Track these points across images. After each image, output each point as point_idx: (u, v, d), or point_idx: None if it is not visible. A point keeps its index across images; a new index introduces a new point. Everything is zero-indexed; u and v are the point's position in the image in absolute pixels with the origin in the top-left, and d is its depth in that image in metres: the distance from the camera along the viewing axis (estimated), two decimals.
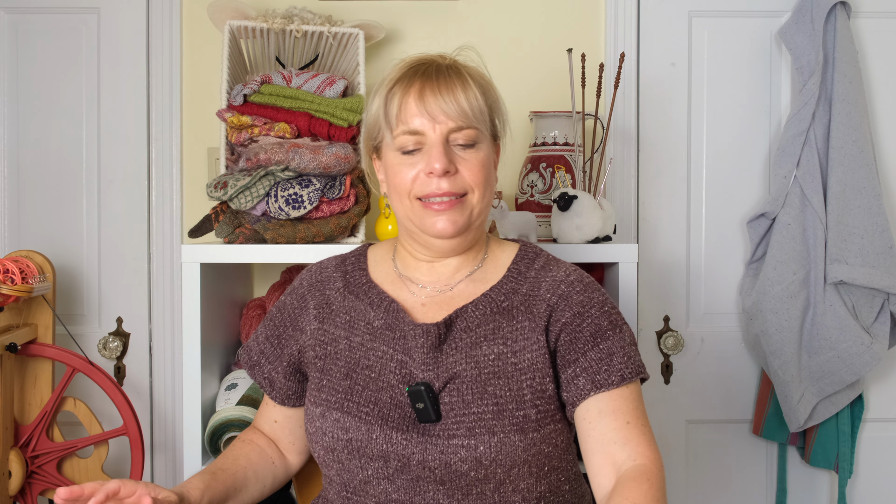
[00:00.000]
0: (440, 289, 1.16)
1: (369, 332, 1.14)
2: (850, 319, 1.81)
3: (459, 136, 1.10)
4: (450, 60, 1.15)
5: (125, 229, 1.99)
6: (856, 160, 1.82)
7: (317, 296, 1.21)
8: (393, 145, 1.12)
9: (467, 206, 1.12)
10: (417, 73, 1.11)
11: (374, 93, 1.16)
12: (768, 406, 1.95)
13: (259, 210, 1.60)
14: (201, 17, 1.96)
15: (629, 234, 2.00)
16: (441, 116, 1.09)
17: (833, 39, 1.86)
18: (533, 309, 1.11)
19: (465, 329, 1.10)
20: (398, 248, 1.23)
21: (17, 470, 1.67)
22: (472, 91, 1.11)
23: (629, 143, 1.99)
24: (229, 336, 1.78)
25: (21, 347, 1.69)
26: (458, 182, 1.10)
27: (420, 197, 1.11)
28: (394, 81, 1.12)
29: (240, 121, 1.63)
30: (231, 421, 1.55)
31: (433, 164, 1.08)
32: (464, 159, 1.11)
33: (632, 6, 1.98)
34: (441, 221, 1.10)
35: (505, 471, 1.03)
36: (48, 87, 1.98)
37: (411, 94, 1.10)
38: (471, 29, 1.99)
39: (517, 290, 1.13)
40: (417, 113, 1.09)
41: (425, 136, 1.10)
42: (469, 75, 1.13)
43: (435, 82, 1.10)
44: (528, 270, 1.16)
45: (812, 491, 2.03)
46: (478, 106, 1.11)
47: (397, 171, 1.12)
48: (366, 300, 1.17)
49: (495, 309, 1.11)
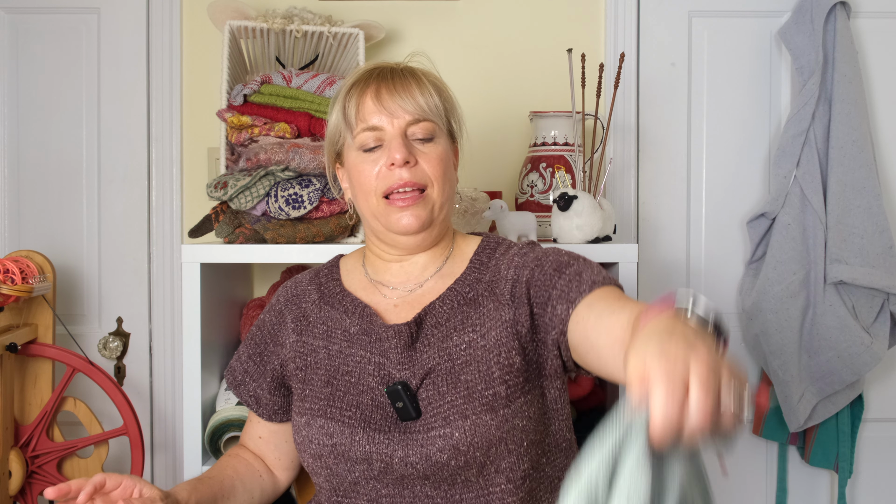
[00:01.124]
0: (410, 288, 1.19)
1: (346, 339, 1.16)
2: (850, 319, 1.81)
3: (417, 130, 1.14)
4: (403, 65, 1.19)
5: (125, 229, 1.99)
6: (856, 160, 1.82)
7: (293, 310, 1.23)
8: (354, 145, 1.15)
9: (429, 200, 1.14)
10: (372, 76, 1.16)
11: (332, 103, 1.21)
12: (768, 406, 1.95)
13: (259, 210, 1.60)
14: (201, 17, 1.96)
15: (629, 234, 2.00)
16: (398, 111, 1.13)
17: (833, 39, 1.86)
18: (495, 290, 1.13)
19: (435, 325, 1.12)
20: (367, 254, 1.25)
21: (17, 470, 1.67)
22: (426, 88, 1.15)
23: (629, 143, 1.99)
24: (229, 336, 1.78)
25: (21, 347, 1.69)
26: (419, 173, 1.13)
27: (385, 194, 1.13)
28: (349, 86, 1.17)
29: (240, 121, 1.63)
30: (231, 421, 1.55)
31: (394, 155, 1.11)
32: (423, 152, 1.14)
33: (632, 6, 1.98)
34: (405, 217, 1.13)
35: (483, 453, 1.04)
36: (48, 87, 1.98)
37: (368, 93, 1.14)
38: (471, 29, 1.99)
39: (480, 279, 1.15)
40: (375, 110, 1.13)
41: (384, 132, 1.13)
42: (423, 75, 1.17)
43: (390, 81, 1.14)
44: (490, 260, 1.18)
45: (812, 491, 2.03)
46: (433, 102, 1.15)
47: (360, 170, 1.15)
48: (340, 308, 1.19)
49: (462, 301, 1.14)
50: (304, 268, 1.87)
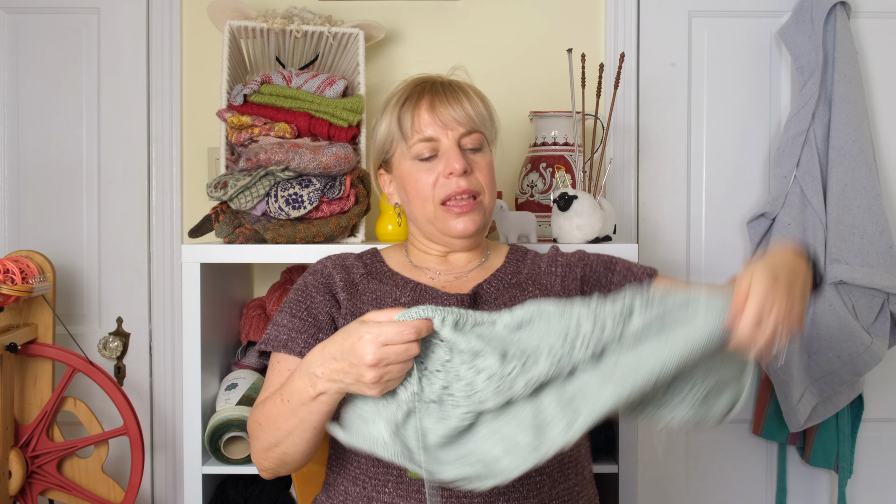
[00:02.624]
0: (456, 275, 1.27)
1: (398, 308, 1.17)
2: (850, 319, 1.81)
3: (469, 141, 1.22)
4: (448, 78, 1.28)
5: (125, 229, 1.99)
6: (856, 160, 1.82)
7: (342, 273, 1.25)
8: (409, 154, 1.22)
9: (481, 206, 1.23)
10: (425, 88, 1.24)
11: (381, 113, 1.28)
12: (768, 406, 1.95)
13: (259, 210, 1.60)
14: (201, 17, 1.96)
15: (629, 234, 2.00)
16: (452, 123, 1.21)
17: (833, 39, 1.86)
18: (539, 281, 1.24)
19: (487, 301, 1.20)
20: (410, 248, 1.32)
21: (17, 470, 1.67)
22: (475, 100, 1.24)
23: (629, 143, 1.99)
24: (229, 336, 1.78)
25: (21, 347, 1.69)
26: (473, 181, 1.22)
27: (443, 201, 1.21)
28: (402, 98, 1.24)
29: (240, 121, 1.63)
30: (231, 421, 1.55)
31: (453, 165, 1.19)
32: (475, 161, 1.23)
33: (632, 6, 1.98)
34: (462, 222, 1.21)
35: None
36: (48, 87, 1.98)
37: (423, 105, 1.22)
38: (471, 29, 1.99)
39: (520, 270, 1.27)
40: (431, 122, 1.21)
41: (439, 143, 1.21)
42: (470, 89, 1.26)
43: (442, 95, 1.22)
44: (524, 259, 1.31)
45: (812, 491, 2.03)
46: (481, 113, 1.24)
47: (417, 178, 1.22)
48: (390, 283, 1.24)
49: (507, 284, 1.24)
50: (304, 268, 1.87)
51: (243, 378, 1.66)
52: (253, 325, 1.77)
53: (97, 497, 1.75)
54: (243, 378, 1.66)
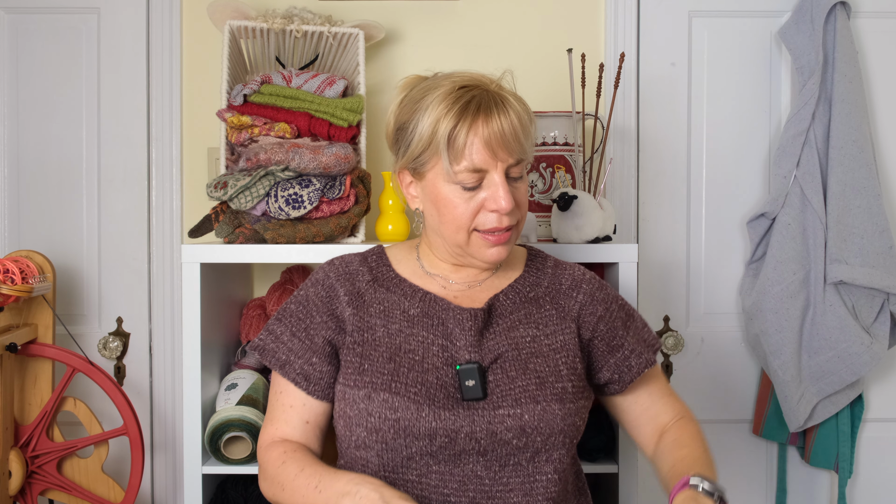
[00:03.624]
0: (469, 283, 1.23)
1: (406, 320, 1.18)
2: (850, 319, 1.81)
3: (515, 170, 1.15)
4: (496, 85, 1.17)
5: (125, 229, 1.99)
6: (856, 160, 1.82)
7: (346, 285, 1.22)
8: (451, 177, 1.13)
9: (515, 233, 1.19)
10: (479, 107, 1.12)
11: (421, 111, 1.15)
12: (768, 406, 1.95)
13: (259, 210, 1.60)
14: (201, 17, 1.96)
15: (629, 234, 2.00)
16: (503, 154, 1.13)
17: (833, 39, 1.86)
18: (560, 301, 1.23)
19: (501, 315, 1.19)
20: (423, 251, 1.27)
21: (17, 470, 1.67)
22: (525, 122, 1.15)
23: (629, 143, 1.99)
24: (229, 336, 1.78)
25: (21, 347, 1.69)
26: (515, 214, 1.17)
27: (480, 229, 1.15)
28: (451, 108, 1.12)
29: (240, 121, 1.63)
30: (231, 421, 1.55)
31: (500, 203, 1.12)
32: (516, 189, 1.17)
33: (632, 6, 1.98)
34: (494, 253, 1.17)
35: (543, 439, 1.12)
36: (48, 87, 1.98)
37: (475, 130, 1.11)
38: (471, 29, 1.99)
39: (539, 283, 1.25)
40: (481, 150, 1.11)
41: (486, 174, 1.13)
42: (519, 105, 1.16)
43: (497, 120, 1.12)
44: (544, 268, 1.27)
45: (812, 491, 2.03)
46: (530, 136, 1.17)
47: (455, 205, 1.14)
48: (398, 292, 1.21)
49: (524, 298, 1.22)
50: (304, 268, 1.87)
51: (243, 378, 1.66)
52: (253, 325, 1.77)
53: (97, 497, 1.75)
54: (243, 378, 1.66)
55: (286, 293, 1.77)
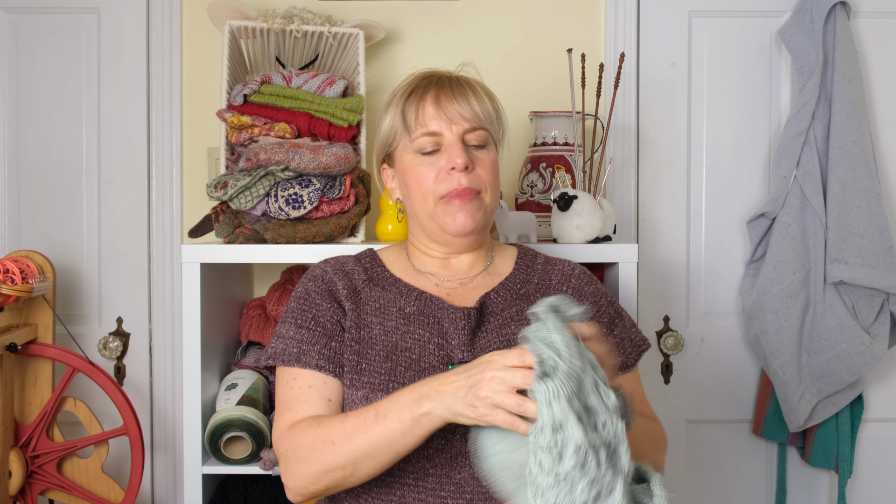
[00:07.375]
0: (460, 281, 1.25)
1: (402, 318, 1.18)
2: (849, 319, 1.81)
3: (473, 137, 1.20)
4: (456, 74, 1.25)
5: (125, 229, 1.99)
6: (856, 160, 1.82)
7: (343, 280, 1.22)
8: (411, 147, 1.20)
9: (481, 203, 1.20)
10: (431, 82, 1.21)
11: (386, 106, 1.26)
12: (768, 406, 1.95)
13: (259, 210, 1.60)
14: (201, 17, 1.96)
15: (629, 234, 2.00)
16: (457, 117, 1.18)
17: (833, 39, 1.86)
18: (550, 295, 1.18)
19: (493, 313, 1.19)
20: (410, 249, 1.29)
21: (17, 470, 1.67)
22: (482, 97, 1.21)
23: (629, 143, 1.99)
24: (229, 336, 1.78)
25: (21, 347, 1.69)
26: (475, 179, 1.19)
27: (442, 196, 1.18)
28: (408, 91, 1.22)
29: (240, 121, 1.63)
30: (231, 421, 1.55)
31: (455, 160, 1.17)
32: (478, 158, 1.20)
33: (632, 6, 1.98)
34: (461, 216, 1.18)
35: None
36: (48, 87, 1.98)
37: (427, 99, 1.19)
38: (471, 29, 1.99)
39: (529, 279, 1.26)
40: (435, 116, 1.18)
41: (443, 137, 1.19)
42: (477, 85, 1.24)
43: (449, 89, 1.20)
44: (534, 265, 1.28)
45: (812, 491, 2.03)
46: (488, 110, 1.21)
47: (419, 172, 1.20)
48: (393, 290, 1.22)
49: (514, 295, 1.23)
50: (304, 268, 1.87)
51: (243, 378, 1.66)
52: (253, 325, 1.77)
53: (97, 497, 1.75)
54: (243, 378, 1.66)
55: (286, 293, 1.77)
